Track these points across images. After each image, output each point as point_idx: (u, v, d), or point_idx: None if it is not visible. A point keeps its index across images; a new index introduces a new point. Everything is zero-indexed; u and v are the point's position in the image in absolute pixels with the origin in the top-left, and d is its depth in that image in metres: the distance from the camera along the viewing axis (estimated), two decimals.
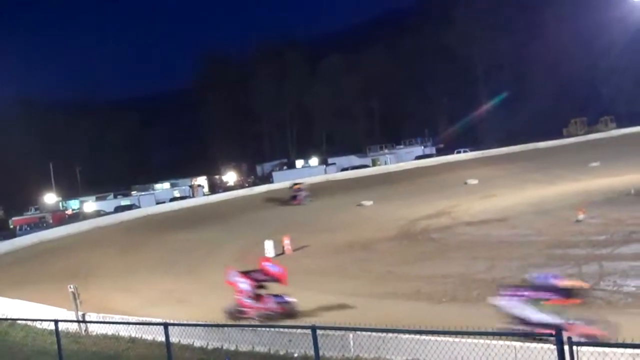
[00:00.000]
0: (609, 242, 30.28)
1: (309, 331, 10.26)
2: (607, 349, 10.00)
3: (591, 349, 9.03)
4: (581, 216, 37.22)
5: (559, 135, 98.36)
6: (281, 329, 16.94)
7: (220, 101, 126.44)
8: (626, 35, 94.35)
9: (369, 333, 15.38)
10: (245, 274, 24.04)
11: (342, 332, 15.76)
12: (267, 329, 16.96)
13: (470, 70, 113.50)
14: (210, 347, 17.54)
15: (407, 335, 14.01)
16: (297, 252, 40.92)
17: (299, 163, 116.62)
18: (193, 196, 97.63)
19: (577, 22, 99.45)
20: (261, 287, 23.72)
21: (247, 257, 41.31)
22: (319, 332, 10.19)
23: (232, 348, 17.17)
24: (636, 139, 78.33)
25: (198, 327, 17.40)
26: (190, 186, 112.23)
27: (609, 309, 20.03)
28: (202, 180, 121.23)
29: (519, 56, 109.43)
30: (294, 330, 16.28)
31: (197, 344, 17.64)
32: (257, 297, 23.70)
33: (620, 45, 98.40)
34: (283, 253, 40.78)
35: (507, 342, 12.97)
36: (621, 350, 11.08)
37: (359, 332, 15.71)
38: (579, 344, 7.89)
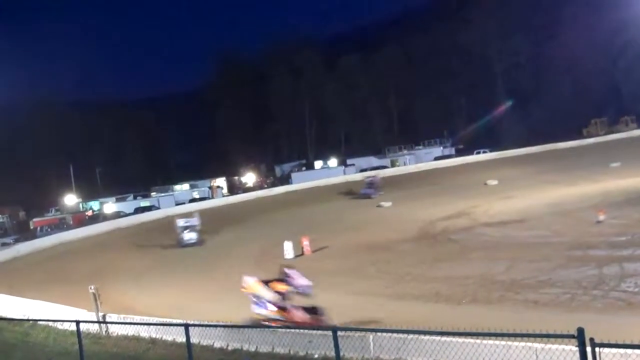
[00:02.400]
0: (629, 243, 30.11)
1: (329, 332, 10.27)
2: (629, 351, 9.94)
3: (614, 350, 8.97)
4: (601, 217, 37.03)
5: (579, 135, 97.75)
6: (301, 330, 16.96)
7: (238, 101, 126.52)
8: None
9: (390, 334, 15.35)
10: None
11: (363, 333, 15.75)
12: (288, 330, 16.96)
13: (489, 69, 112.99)
14: (230, 348, 17.57)
15: (427, 337, 13.97)
16: (317, 253, 40.98)
17: (318, 164, 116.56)
18: (212, 197, 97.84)
19: (595, 21, 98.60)
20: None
21: (266, 258, 41.49)
22: (339, 333, 10.19)
23: (252, 349, 17.21)
24: None
25: (218, 328, 17.43)
26: (210, 187, 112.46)
27: (630, 310, 19.92)
28: (221, 182, 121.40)
29: (537, 55, 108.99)
30: (314, 331, 16.30)
31: (217, 344, 17.68)
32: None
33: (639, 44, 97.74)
34: (302, 254, 40.83)
35: (529, 344, 12.91)
36: None
37: (379, 334, 15.71)
38: (601, 345, 7.85)
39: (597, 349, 7.86)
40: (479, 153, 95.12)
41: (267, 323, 20.14)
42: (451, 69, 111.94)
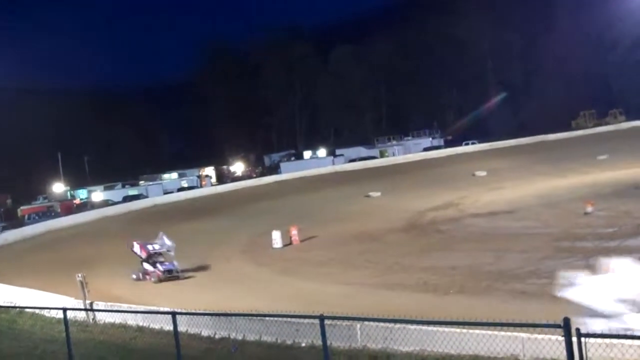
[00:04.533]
0: (617, 234, 30.26)
1: (316, 321, 10.25)
2: (614, 340, 9.99)
3: (599, 340, 9.01)
4: (589, 209, 37.17)
5: (567, 127, 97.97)
6: (289, 319, 16.96)
7: (228, 91, 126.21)
8: (636, 28, 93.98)
9: (377, 323, 15.35)
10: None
11: (350, 322, 15.78)
12: (275, 319, 16.94)
13: (480, 62, 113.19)
14: (217, 336, 17.56)
15: (414, 326, 14.01)
16: (305, 243, 41.00)
17: (307, 154, 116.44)
18: (201, 186, 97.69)
19: (586, 15, 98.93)
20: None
21: (254, 247, 41.52)
22: (326, 322, 10.18)
23: (240, 337, 17.20)
24: None
25: (206, 316, 17.40)
26: (198, 176, 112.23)
27: None
28: (210, 171, 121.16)
29: (529, 49, 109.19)
30: (302, 320, 16.29)
31: (205, 333, 17.64)
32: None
33: (630, 39, 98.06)
34: (291, 243, 40.85)
35: (515, 334, 12.98)
36: (629, 342, 11.09)
37: (366, 323, 15.70)
38: (587, 335, 7.87)
39: (582, 339, 7.88)
40: (467, 144, 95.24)
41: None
42: (443, 61, 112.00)
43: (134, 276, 34.47)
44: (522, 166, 69.61)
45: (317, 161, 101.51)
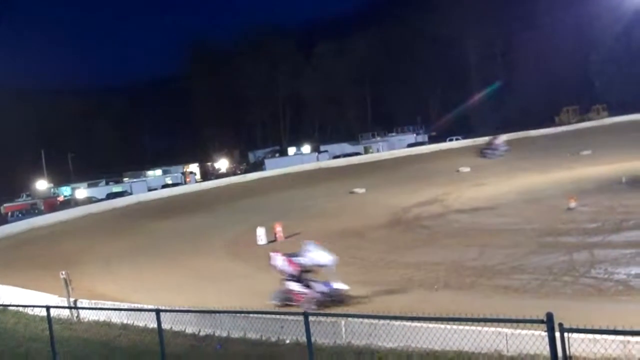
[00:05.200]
0: (600, 230, 30.44)
1: (301, 318, 10.26)
2: (597, 336, 10.06)
3: (582, 335, 9.06)
4: (572, 204, 37.37)
5: (550, 123, 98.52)
6: (273, 316, 16.96)
7: (212, 88, 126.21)
8: (618, 24, 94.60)
9: (361, 320, 15.43)
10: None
11: (334, 319, 15.83)
12: (259, 316, 16.95)
13: (463, 59, 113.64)
14: (202, 333, 17.55)
15: (398, 322, 14.05)
16: (290, 240, 40.89)
17: (291, 150, 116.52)
18: (185, 183, 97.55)
19: (569, 12, 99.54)
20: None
21: (239, 244, 41.45)
22: (310, 318, 10.20)
23: (224, 334, 17.20)
24: (627, 128, 78.68)
25: (190, 314, 17.39)
26: (183, 173, 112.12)
27: (599, 296, 20.16)
28: (194, 167, 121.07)
29: (512, 46, 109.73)
30: (286, 316, 16.31)
31: (189, 330, 17.64)
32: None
33: (612, 35, 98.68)
34: (275, 240, 40.79)
35: (499, 329, 13.04)
36: (612, 337, 11.15)
37: (350, 319, 15.77)
38: (570, 330, 7.92)
39: (566, 334, 7.93)
40: (451, 140, 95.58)
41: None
42: (426, 58, 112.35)
43: (274, 301, 23.46)
44: (506, 162, 69.98)
45: (301, 157, 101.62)
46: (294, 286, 23.15)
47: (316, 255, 23.20)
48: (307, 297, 22.66)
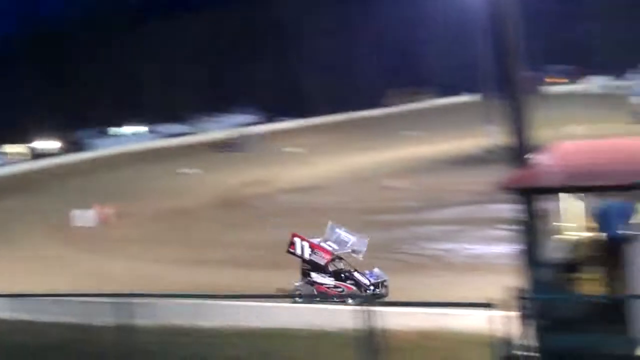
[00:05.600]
0: (420, 208, 31.66)
1: (122, 299, 10.03)
2: (405, 309, 10.43)
3: (394, 309, 9.35)
4: (396, 183, 38.61)
5: (380, 104, 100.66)
6: (91, 298, 16.46)
7: (35, 63, 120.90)
8: (446, 6, 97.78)
9: (182, 300, 15.31)
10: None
11: (155, 300, 15.60)
12: (76, 299, 16.40)
13: (295, 40, 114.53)
14: (13, 318, 16.77)
15: (217, 301, 14.06)
16: (117, 221, 40.05)
17: (122, 130, 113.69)
18: (7, 164, 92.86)
19: None
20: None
21: (64, 227, 40.10)
22: (132, 300, 9.99)
23: (42, 320, 16.47)
24: (453, 110, 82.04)
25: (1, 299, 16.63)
26: (3, 153, 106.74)
27: (409, 271, 20.95)
28: (17, 147, 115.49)
29: (343, 27, 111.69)
30: (106, 299, 15.86)
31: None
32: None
33: (441, 16, 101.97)
34: (103, 222, 39.80)
35: (324, 306, 13.29)
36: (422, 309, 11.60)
37: (172, 299, 15.62)
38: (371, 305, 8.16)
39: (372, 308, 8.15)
40: (281, 121, 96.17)
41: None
42: (258, 38, 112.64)
43: (298, 298, 18.32)
44: (335, 142, 71.09)
45: (131, 138, 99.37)
46: (323, 278, 19.89)
47: (347, 238, 20.75)
48: (347, 291, 19.28)
